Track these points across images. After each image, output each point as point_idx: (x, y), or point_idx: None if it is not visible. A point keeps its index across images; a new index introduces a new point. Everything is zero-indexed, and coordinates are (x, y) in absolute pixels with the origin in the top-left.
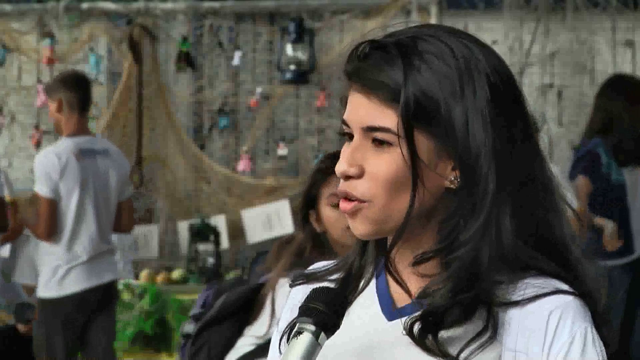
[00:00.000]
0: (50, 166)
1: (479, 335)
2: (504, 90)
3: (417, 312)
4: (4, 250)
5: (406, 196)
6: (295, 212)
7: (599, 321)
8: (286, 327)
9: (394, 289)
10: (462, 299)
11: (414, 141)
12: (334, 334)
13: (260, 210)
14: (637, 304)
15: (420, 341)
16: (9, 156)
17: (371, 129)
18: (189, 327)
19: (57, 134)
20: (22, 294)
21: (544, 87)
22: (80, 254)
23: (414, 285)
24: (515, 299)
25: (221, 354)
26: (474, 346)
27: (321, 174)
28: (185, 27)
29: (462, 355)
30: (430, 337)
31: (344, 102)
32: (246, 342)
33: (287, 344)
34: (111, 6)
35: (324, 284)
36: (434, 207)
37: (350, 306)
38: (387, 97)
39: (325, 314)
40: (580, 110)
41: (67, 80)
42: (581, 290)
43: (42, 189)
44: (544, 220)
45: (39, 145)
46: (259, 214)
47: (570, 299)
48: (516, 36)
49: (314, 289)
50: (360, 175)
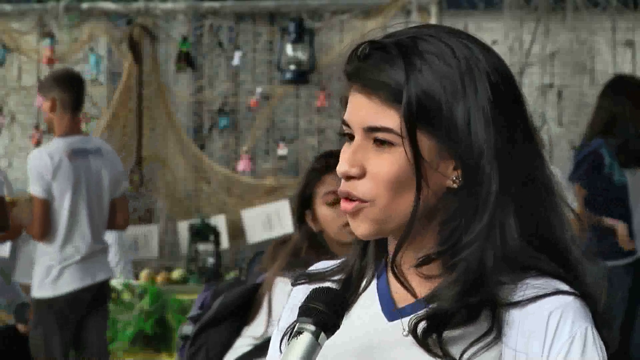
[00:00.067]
0: (42, 166)
1: (484, 336)
2: (505, 90)
3: (417, 312)
4: (4, 250)
5: (407, 196)
6: (294, 212)
7: (599, 321)
8: (287, 328)
9: (394, 289)
10: (470, 302)
11: (417, 141)
12: (334, 334)
13: (260, 210)
14: (638, 304)
15: (422, 341)
16: (9, 156)
17: (372, 129)
18: (187, 329)
19: (51, 132)
20: (22, 294)
21: (544, 87)
22: (73, 253)
23: (417, 286)
24: (515, 299)
25: (219, 355)
26: (477, 347)
27: (315, 173)
28: (185, 27)
29: (465, 355)
30: (434, 337)
31: (344, 102)
32: (244, 343)
33: (287, 344)
34: (111, 6)
35: (325, 284)
36: (435, 207)
37: (350, 306)
38: (388, 97)
39: (325, 314)
40: (580, 110)
41: (60, 79)
42: (581, 290)
43: (35, 189)
44: (545, 220)
45: (38, 145)
46: (259, 214)
47: (570, 299)
48: (516, 36)
49: (314, 289)
50: (361, 175)
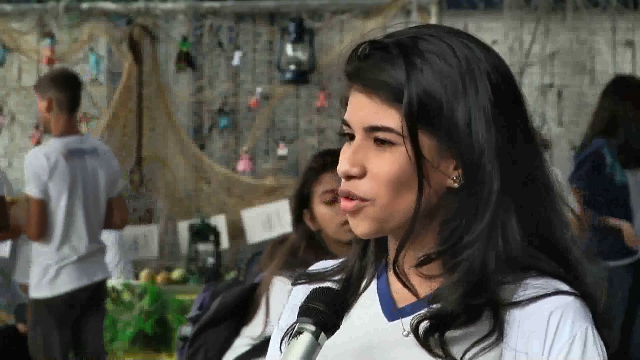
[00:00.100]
0: (39, 167)
1: (486, 337)
2: (505, 89)
3: (418, 312)
4: (4, 250)
5: (408, 195)
6: (292, 211)
7: (599, 321)
8: (288, 328)
9: (394, 289)
10: (474, 303)
11: (418, 140)
12: (334, 334)
13: (260, 210)
14: (638, 304)
15: (424, 341)
16: (9, 156)
17: (373, 129)
18: (187, 330)
19: (46, 132)
20: (22, 294)
21: (544, 87)
22: (70, 253)
23: (417, 285)
24: (516, 299)
25: (218, 356)
26: (479, 347)
27: (313, 172)
28: (185, 27)
29: (467, 356)
30: (436, 337)
31: (344, 102)
32: (242, 343)
33: (287, 344)
34: (111, 6)
35: (325, 284)
36: (436, 207)
37: (350, 306)
38: (389, 96)
39: (325, 314)
40: (580, 110)
41: (57, 79)
42: (581, 290)
43: (31, 189)
44: (545, 220)
45: (39, 145)
46: (259, 214)
47: (570, 299)
48: (516, 36)
49: (314, 289)
50: (362, 175)
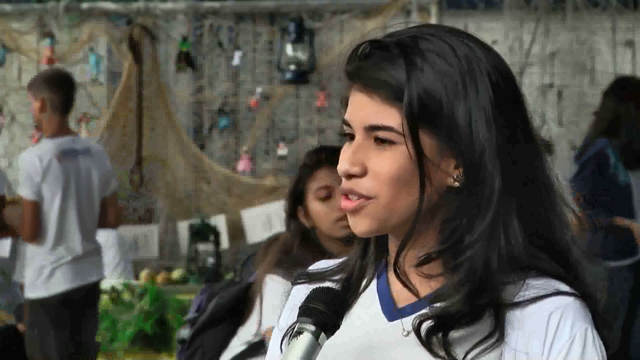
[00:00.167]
0: (32, 168)
1: (488, 337)
2: (506, 89)
3: (418, 312)
4: (4, 250)
5: (408, 194)
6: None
7: (599, 322)
8: (288, 328)
9: (394, 289)
10: (478, 304)
11: (419, 140)
12: (334, 334)
13: (260, 210)
14: (638, 304)
15: (426, 341)
16: (9, 156)
17: (374, 128)
18: (185, 332)
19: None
20: (21, 294)
21: (544, 87)
22: (65, 254)
23: (417, 285)
24: (516, 299)
25: (216, 357)
26: (481, 348)
27: (307, 169)
28: (185, 27)
29: (469, 356)
30: (439, 337)
31: (344, 102)
32: (238, 343)
33: (287, 344)
34: (111, 6)
35: (325, 284)
36: (437, 206)
37: (350, 306)
38: (390, 96)
39: (325, 314)
40: (580, 110)
41: (51, 80)
42: (581, 290)
43: (24, 191)
44: (545, 220)
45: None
46: (259, 214)
47: (570, 300)
48: (516, 36)
49: (314, 289)
50: (363, 174)
